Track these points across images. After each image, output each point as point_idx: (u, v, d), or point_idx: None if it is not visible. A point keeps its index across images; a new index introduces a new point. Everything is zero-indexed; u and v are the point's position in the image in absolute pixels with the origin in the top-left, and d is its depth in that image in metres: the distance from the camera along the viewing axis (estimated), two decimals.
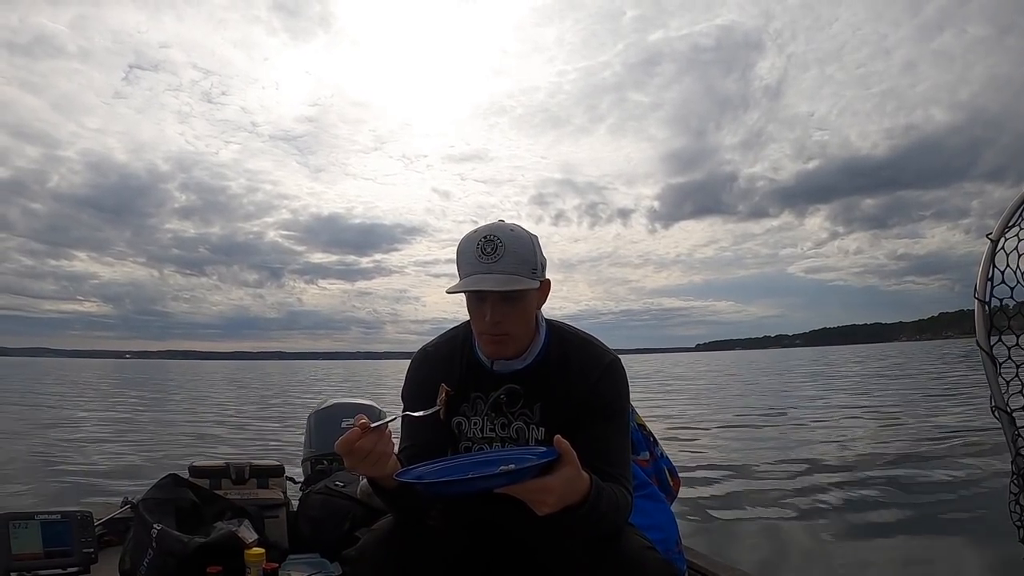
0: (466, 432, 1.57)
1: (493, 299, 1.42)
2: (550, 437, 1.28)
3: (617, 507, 1.36)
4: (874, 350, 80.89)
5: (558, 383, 1.52)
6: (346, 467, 1.28)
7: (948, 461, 6.71)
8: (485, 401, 1.55)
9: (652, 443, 2.38)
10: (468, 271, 1.42)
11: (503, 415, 1.54)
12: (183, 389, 28.36)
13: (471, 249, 1.42)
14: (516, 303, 1.44)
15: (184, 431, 11.62)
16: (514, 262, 1.40)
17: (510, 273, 1.40)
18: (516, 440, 1.53)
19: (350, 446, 1.20)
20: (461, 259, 1.45)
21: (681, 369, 47.53)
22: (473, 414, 1.57)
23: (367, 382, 31.46)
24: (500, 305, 1.42)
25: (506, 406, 1.54)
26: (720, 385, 25.48)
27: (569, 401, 1.50)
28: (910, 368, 28.41)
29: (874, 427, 9.71)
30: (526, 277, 1.42)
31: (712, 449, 8.47)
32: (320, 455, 3.11)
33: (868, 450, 7.74)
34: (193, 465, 2.78)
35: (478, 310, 1.45)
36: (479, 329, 1.49)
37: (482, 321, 1.45)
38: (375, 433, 1.21)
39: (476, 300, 1.45)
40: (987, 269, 1.76)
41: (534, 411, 1.53)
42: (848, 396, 16.10)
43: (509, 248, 1.41)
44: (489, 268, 1.39)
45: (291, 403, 18.38)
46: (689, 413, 13.76)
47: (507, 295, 1.41)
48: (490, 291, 1.40)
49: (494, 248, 1.40)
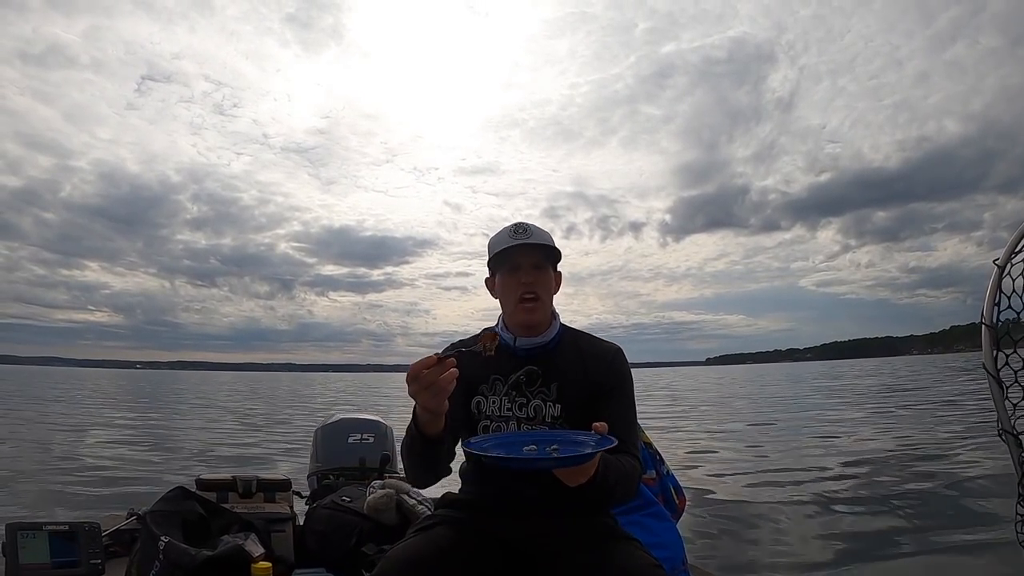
0: (485, 411, 1.76)
1: (527, 265, 1.73)
2: (566, 414, 1.69)
3: (626, 475, 1.58)
4: (884, 364, 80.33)
5: (572, 365, 1.75)
6: (409, 392, 1.42)
7: (953, 480, 6.64)
8: (504, 382, 1.75)
9: (658, 461, 2.39)
10: (505, 246, 1.73)
11: (523, 394, 1.74)
12: (192, 400, 28.40)
13: (504, 233, 1.76)
14: (545, 272, 1.76)
15: (192, 443, 11.63)
16: (542, 238, 1.74)
17: (541, 241, 1.74)
18: (533, 418, 1.72)
19: (419, 370, 1.37)
20: (495, 245, 1.76)
21: (690, 383, 47.29)
22: (492, 394, 1.76)
23: (375, 396, 31.35)
24: (532, 272, 1.73)
25: (525, 386, 1.74)
26: (728, 400, 25.32)
27: (584, 382, 1.72)
28: (919, 382, 28.16)
29: (880, 443, 9.61)
30: (554, 245, 1.76)
31: (718, 466, 8.41)
32: (327, 470, 3.13)
33: (874, 467, 7.66)
34: (200, 478, 2.79)
35: (513, 278, 1.74)
36: (514, 297, 1.74)
37: (517, 286, 1.73)
38: (442, 366, 1.38)
39: (511, 271, 1.75)
40: (994, 294, 1.77)
41: (551, 390, 1.73)
42: (855, 410, 15.97)
43: (536, 231, 1.75)
44: (524, 240, 1.72)
45: (298, 417, 18.36)
46: (696, 429, 13.68)
47: (539, 263, 1.74)
48: (525, 256, 1.72)
49: (525, 229, 1.74)
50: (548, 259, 1.77)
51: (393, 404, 22.47)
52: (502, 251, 1.73)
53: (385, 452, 3.15)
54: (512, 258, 1.74)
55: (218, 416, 18.72)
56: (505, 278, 1.76)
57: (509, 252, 1.73)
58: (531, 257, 1.73)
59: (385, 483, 2.63)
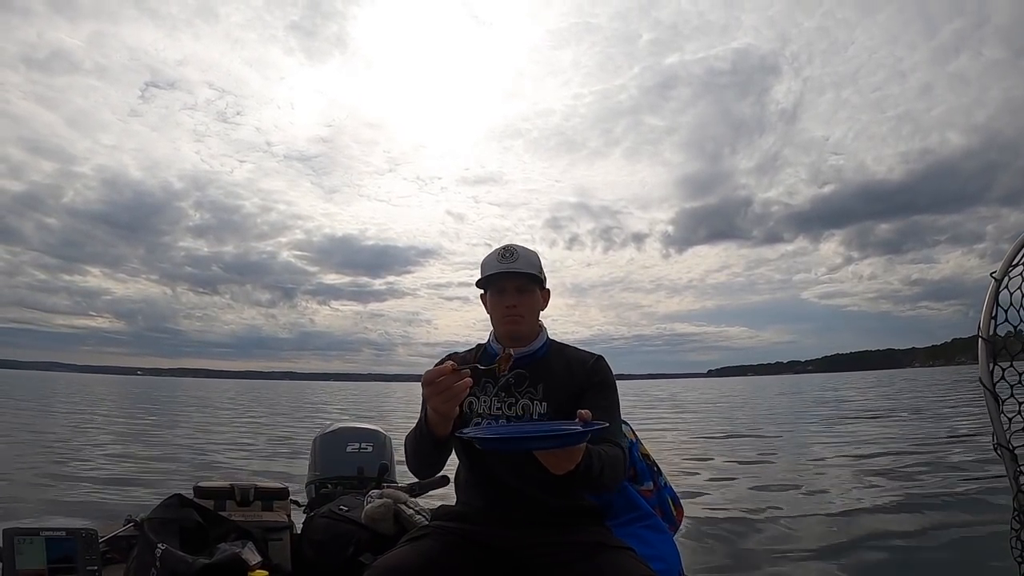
0: (476, 410, 1.91)
1: (511, 289, 1.92)
2: (552, 412, 1.84)
3: (612, 461, 1.66)
4: (885, 377, 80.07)
5: (558, 369, 1.92)
6: (424, 396, 1.60)
7: (950, 494, 6.61)
8: (494, 384, 1.91)
9: (656, 473, 2.38)
10: (491, 271, 1.93)
11: (511, 395, 1.90)
12: (191, 408, 28.29)
13: (494, 256, 1.95)
14: (528, 294, 1.94)
15: (190, 450, 11.59)
16: (527, 264, 1.93)
17: (524, 269, 1.92)
18: (521, 416, 1.87)
19: (437, 376, 1.53)
20: (485, 266, 1.96)
21: (691, 395, 47.17)
22: (483, 395, 1.92)
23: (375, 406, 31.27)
24: (515, 294, 1.92)
25: (514, 387, 1.90)
26: (728, 411, 25.25)
27: (568, 383, 1.89)
28: (919, 395, 28.06)
29: (878, 457, 9.54)
30: (536, 273, 1.94)
31: (716, 478, 8.39)
32: (325, 479, 3.12)
33: (872, 481, 7.63)
34: (198, 485, 2.79)
35: (499, 299, 1.93)
36: (499, 314, 1.94)
37: (502, 307, 1.93)
38: (458, 375, 1.53)
39: (497, 293, 1.95)
40: (991, 307, 1.77)
41: (538, 390, 1.89)
42: (854, 423, 15.93)
43: (522, 255, 1.94)
44: (508, 266, 1.92)
45: (297, 425, 18.31)
46: (694, 440, 13.66)
47: (522, 287, 1.93)
48: (508, 281, 1.91)
49: (512, 253, 1.93)
50: (533, 282, 1.95)
51: (394, 414, 22.45)
52: (489, 275, 1.93)
53: (384, 462, 3.14)
54: (498, 282, 1.94)
55: (217, 424, 18.68)
56: (493, 298, 1.96)
57: (495, 276, 1.93)
58: (515, 281, 1.93)
59: (383, 493, 2.62)
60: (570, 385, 1.88)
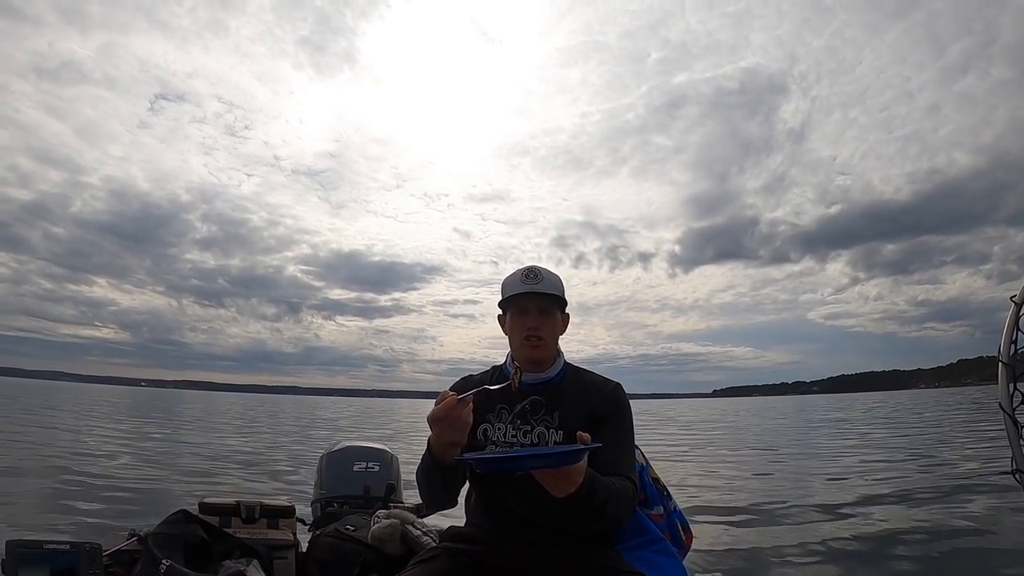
0: (491, 437, 1.89)
1: (533, 310, 1.88)
2: (568, 440, 1.76)
3: (618, 494, 1.64)
4: (890, 398, 79.53)
5: (574, 396, 1.88)
6: (433, 433, 1.60)
7: (965, 519, 6.52)
8: (510, 411, 1.88)
9: (665, 497, 2.35)
10: (515, 291, 1.88)
11: (527, 422, 1.87)
12: (196, 421, 28.21)
13: (517, 277, 1.90)
14: (550, 317, 1.89)
15: (196, 464, 11.52)
16: (550, 286, 1.88)
17: (548, 291, 1.87)
18: (536, 444, 1.84)
19: (446, 411, 1.54)
20: (508, 287, 1.91)
21: (696, 415, 46.94)
22: (498, 421, 1.89)
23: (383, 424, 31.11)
24: (538, 316, 1.87)
25: (530, 414, 1.87)
26: (735, 433, 25.10)
27: (585, 411, 1.84)
28: (926, 417, 27.82)
29: (888, 481, 9.42)
30: (560, 294, 1.90)
31: (726, 502, 8.29)
32: (331, 497, 3.10)
33: (882, 506, 7.51)
34: (203, 501, 2.77)
35: (521, 321, 1.89)
36: (520, 336, 1.89)
37: (524, 328, 1.88)
38: (463, 403, 1.55)
39: (519, 314, 1.90)
40: (1011, 332, 1.75)
41: (554, 418, 1.85)
42: (861, 446, 15.79)
43: (546, 277, 1.89)
44: (532, 287, 1.86)
45: (303, 442, 18.19)
46: (702, 462, 13.55)
47: (544, 309, 1.88)
48: (532, 302, 1.87)
49: (536, 275, 1.88)
50: (555, 304, 1.91)
51: (401, 433, 22.34)
52: (512, 295, 1.89)
53: (390, 481, 3.13)
54: (521, 302, 1.89)
55: (222, 438, 18.59)
56: (514, 320, 1.92)
57: (518, 297, 1.88)
58: (538, 303, 1.88)
59: (390, 513, 2.60)
60: (587, 413, 1.84)
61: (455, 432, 1.57)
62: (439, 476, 1.70)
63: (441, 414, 1.54)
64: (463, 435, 1.59)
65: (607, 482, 1.61)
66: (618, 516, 1.70)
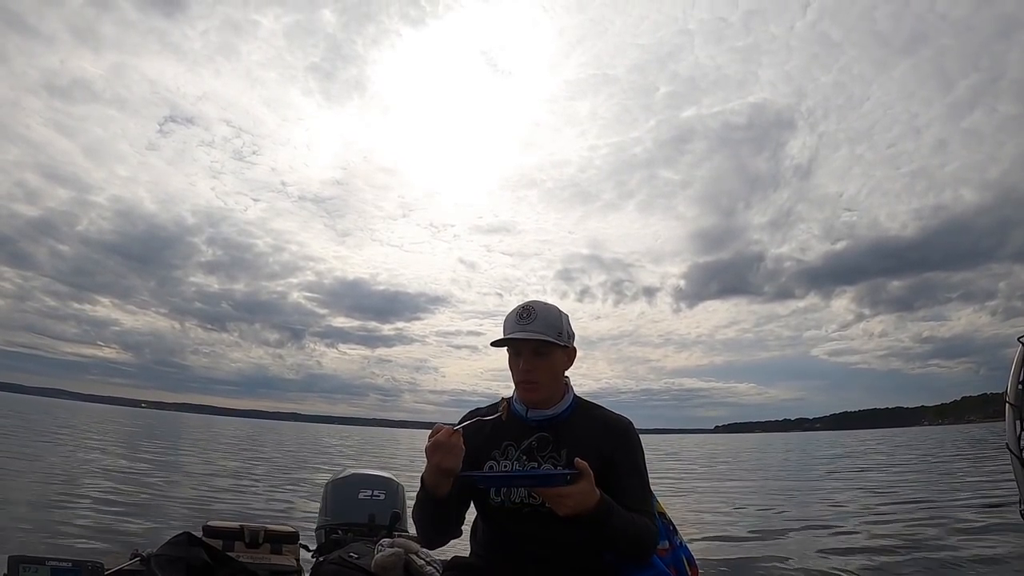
0: None
1: (526, 352, 1.83)
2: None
3: (637, 529, 1.69)
4: (893, 435, 78.79)
5: (583, 433, 1.85)
6: (431, 462, 1.63)
7: (970, 560, 6.43)
8: (516, 447, 1.87)
9: (671, 532, 2.34)
10: (509, 331, 1.84)
11: (533, 459, 1.85)
12: (200, 444, 28.03)
13: (513, 316, 1.86)
14: (544, 357, 1.84)
15: (197, 487, 11.39)
16: (543, 325, 1.82)
17: (540, 332, 1.80)
18: None
19: (446, 437, 1.61)
20: (505, 325, 1.87)
21: (699, 451, 46.53)
22: (504, 458, 1.87)
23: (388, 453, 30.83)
24: (532, 358, 1.83)
25: (537, 451, 1.85)
26: (737, 468, 24.89)
27: (594, 448, 1.80)
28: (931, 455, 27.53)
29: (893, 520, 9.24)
30: (552, 338, 1.82)
31: (729, 537, 8.19)
32: (336, 524, 3.08)
33: (886, 546, 7.38)
34: (207, 524, 2.77)
35: (516, 361, 1.85)
36: (516, 378, 1.87)
37: (517, 370, 1.84)
38: (457, 434, 1.63)
39: (514, 354, 1.86)
40: (1018, 372, 1.75)
41: (561, 455, 1.82)
42: (865, 483, 15.60)
43: (540, 315, 1.83)
44: (524, 328, 1.81)
45: (308, 468, 18.01)
46: (705, 497, 13.41)
47: (538, 350, 1.83)
48: (523, 344, 1.82)
49: (529, 314, 1.83)
50: (550, 344, 1.84)
51: (398, 459, 22.17)
52: (507, 337, 1.86)
53: (395, 510, 3.11)
54: (515, 344, 1.85)
55: (227, 462, 18.44)
56: (511, 359, 1.89)
57: (509, 340, 1.85)
58: (532, 344, 1.83)
59: (394, 542, 2.58)
60: (596, 451, 1.80)
61: (453, 459, 1.62)
62: (435, 509, 1.74)
63: (442, 439, 1.61)
64: (459, 461, 1.64)
65: (626, 515, 1.66)
66: (632, 549, 1.73)
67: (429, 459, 1.64)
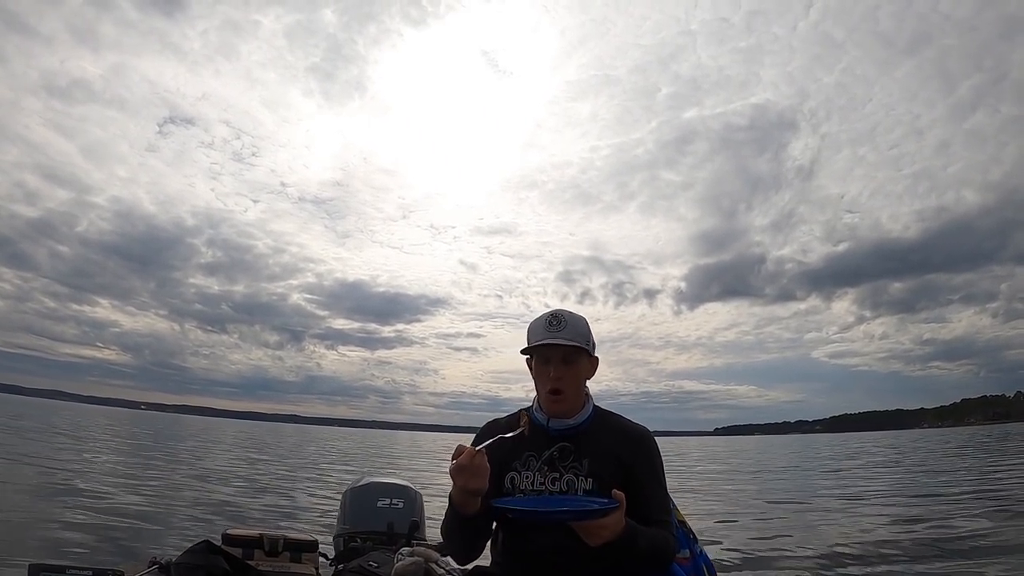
0: (519, 486, 1.86)
1: (556, 361, 1.83)
2: (598, 488, 1.77)
3: (656, 544, 1.69)
4: (893, 437, 78.61)
5: (603, 442, 1.85)
6: (457, 484, 1.62)
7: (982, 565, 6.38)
8: (538, 458, 1.85)
9: (692, 540, 2.33)
10: (538, 339, 1.83)
11: (555, 470, 1.84)
12: (206, 447, 27.68)
13: (541, 323, 1.85)
14: (572, 366, 1.84)
15: (209, 492, 11.19)
16: (573, 333, 1.83)
17: (571, 339, 1.81)
18: (566, 492, 1.82)
19: (469, 459, 1.59)
20: (532, 333, 1.87)
21: (700, 453, 46.43)
22: (525, 469, 1.87)
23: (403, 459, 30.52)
24: (561, 366, 1.82)
25: (558, 461, 1.84)
26: (740, 472, 24.82)
27: (614, 458, 1.83)
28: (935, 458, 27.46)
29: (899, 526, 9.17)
30: (583, 345, 1.83)
31: (748, 543, 8.13)
32: (354, 532, 3.08)
33: (895, 552, 7.38)
34: (227, 532, 2.76)
35: (543, 370, 1.85)
36: (543, 387, 1.86)
37: (546, 379, 1.84)
38: (480, 453, 1.61)
39: (542, 362, 1.86)
40: None
41: (583, 465, 1.83)
42: (870, 486, 15.52)
43: (570, 323, 1.84)
44: (555, 335, 1.81)
45: (324, 475, 17.66)
46: (714, 502, 13.35)
47: (567, 358, 1.83)
48: (554, 352, 1.82)
49: (559, 321, 1.83)
50: (580, 351, 1.85)
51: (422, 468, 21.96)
52: (535, 345, 1.85)
53: (414, 519, 3.10)
54: (543, 352, 1.85)
55: (236, 466, 18.23)
56: (537, 367, 1.89)
57: (541, 347, 1.84)
58: (562, 351, 1.83)
59: (414, 551, 2.58)
60: (617, 460, 1.84)
61: (479, 480, 1.61)
62: (467, 527, 1.74)
63: (465, 461, 1.59)
64: (485, 481, 1.63)
65: (649, 534, 1.66)
66: (656, 565, 1.74)
67: (455, 481, 1.62)
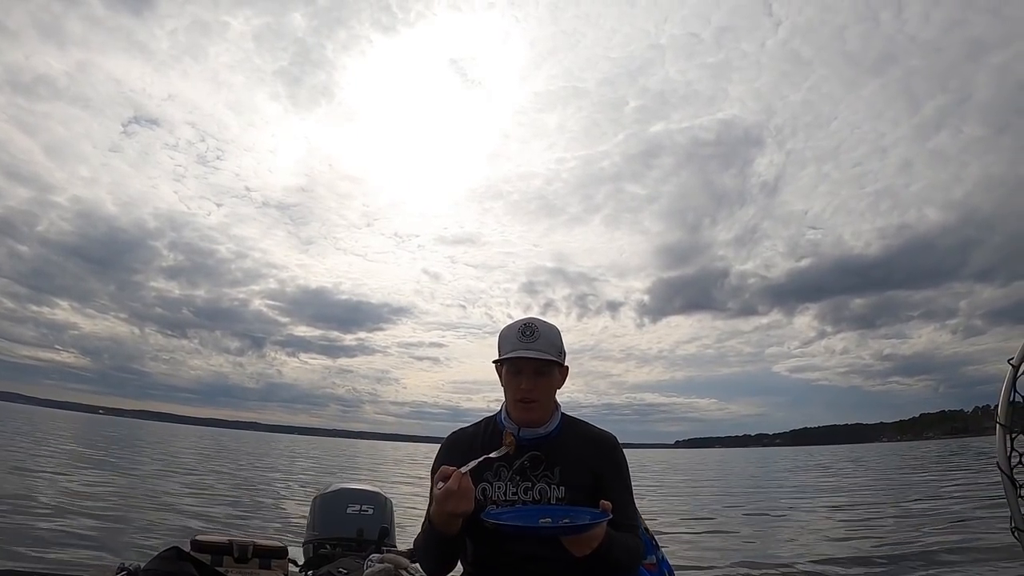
0: (491, 496, 1.81)
1: (528, 371, 1.79)
2: (569, 496, 1.77)
3: (629, 550, 1.73)
4: (851, 450, 79.80)
5: (573, 450, 1.84)
6: (444, 509, 1.58)
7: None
8: (509, 468, 1.82)
9: (655, 546, 2.37)
10: (510, 348, 1.79)
11: (527, 479, 1.81)
12: (169, 453, 27.22)
13: (513, 332, 1.81)
14: (545, 376, 1.81)
15: (175, 498, 10.95)
16: (546, 344, 1.79)
17: (543, 351, 1.78)
18: (539, 501, 1.79)
19: (457, 482, 1.56)
20: (504, 342, 1.83)
21: (660, 465, 46.79)
22: (497, 480, 1.82)
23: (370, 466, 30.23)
24: (533, 377, 1.79)
25: (530, 470, 1.81)
26: (698, 483, 25.07)
27: (584, 466, 1.82)
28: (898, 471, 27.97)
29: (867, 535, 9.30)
30: (555, 356, 1.80)
31: (704, 550, 8.24)
32: (323, 539, 3.05)
33: (850, 556, 7.47)
34: (196, 539, 2.73)
35: (515, 380, 1.81)
36: (514, 397, 1.82)
37: (517, 389, 1.80)
38: (467, 476, 1.59)
39: (514, 372, 1.81)
40: (1008, 394, 1.81)
41: (554, 473, 1.81)
42: (828, 496, 15.77)
43: (543, 333, 1.81)
44: (527, 346, 1.77)
45: (290, 481, 17.35)
46: (675, 511, 13.47)
47: (539, 369, 1.79)
48: (526, 364, 1.77)
49: (532, 331, 1.79)
50: (552, 364, 1.81)
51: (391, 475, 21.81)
52: (507, 357, 1.80)
53: (384, 525, 3.09)
54: (515, 362, 1.80)
55: (199, 472, 17.92)
56: (508, 377, 1.84)
57: (513, 358, 1.79)
58: (534, 363, 1.78)
59: (383, 557, 2.57)
60: (586, 467, 1.82)
61: (467, 503, 1.59)
62: (445, 548, 1.73)
63: (454, 486, 1.56)
64: (471, 503, 1.61)
65: (622, 540, 1.68)
66: (626, 570, 1.75)
67: (441, 506, 1.58)
